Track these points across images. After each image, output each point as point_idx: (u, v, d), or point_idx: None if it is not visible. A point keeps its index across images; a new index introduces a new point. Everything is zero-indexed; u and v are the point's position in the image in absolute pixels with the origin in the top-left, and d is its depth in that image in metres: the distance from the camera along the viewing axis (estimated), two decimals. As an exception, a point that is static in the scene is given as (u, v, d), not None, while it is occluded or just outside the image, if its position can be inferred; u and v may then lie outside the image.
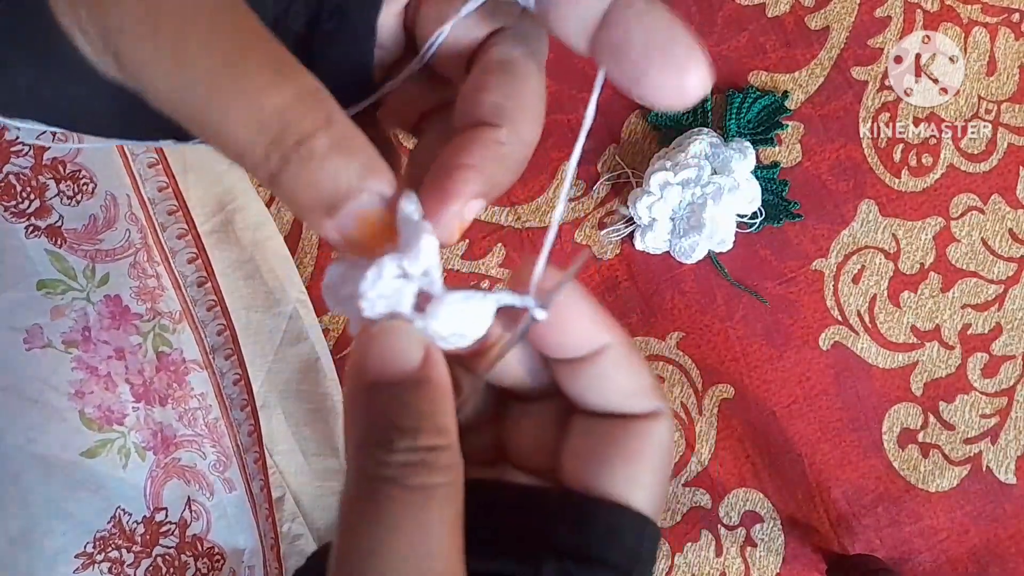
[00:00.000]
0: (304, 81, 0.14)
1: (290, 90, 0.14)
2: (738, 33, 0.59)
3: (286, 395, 0.54)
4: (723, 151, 0.54)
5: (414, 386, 0.15)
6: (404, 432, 0.15)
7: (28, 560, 0.47)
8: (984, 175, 0.59)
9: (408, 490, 0.14)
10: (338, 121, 0.14)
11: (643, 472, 0.18)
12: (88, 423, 0.49)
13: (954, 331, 0.59)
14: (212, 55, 0.13)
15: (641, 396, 0.19)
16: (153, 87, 0.14)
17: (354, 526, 0.15)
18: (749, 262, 0.58)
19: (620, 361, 0.19)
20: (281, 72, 0.14)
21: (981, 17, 0.59)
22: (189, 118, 0.14)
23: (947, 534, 0.58)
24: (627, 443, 0.18)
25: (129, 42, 0.13)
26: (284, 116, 0.14)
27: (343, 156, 0.14)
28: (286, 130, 0.14)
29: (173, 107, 0.14)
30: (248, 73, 0.13)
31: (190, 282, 0.51)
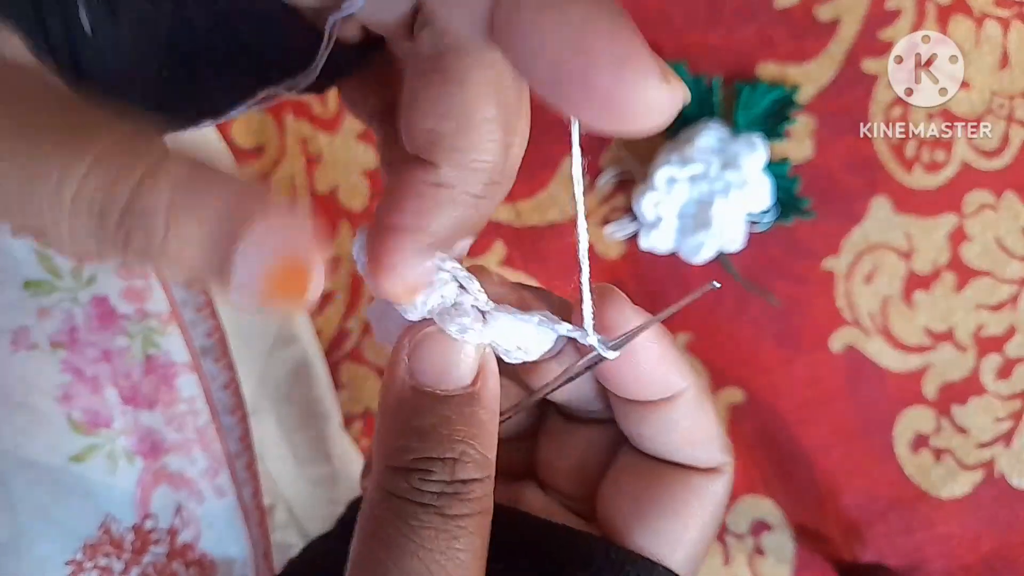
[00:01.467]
0: (110, 131, 0.11)
1: (90, 148, 0.11)
2: (747, 24, 0.58)
3: (278, 399, 0.53)
4: (732, 145, 0.53)
5: (462, 404, 0.14)
6: (444, 463, 0.14)
7: (16, 567, 0.46)
8: (997, 172, 0.58)
9: (443, 519, 0.14)
10: (174, 161, 0.11)
11: (690, 530, 0.17)
12: (75, 427, 0.48)
13: (968, 332, 0.58)
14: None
15: (706, 448, 0.18)
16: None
17: (381, 543, 0.14)
18: (758, 261, 0.57)
19: (691, 410, 0.17)
20: (76, 132, 0.11)
21: (993, 10, 0.58)
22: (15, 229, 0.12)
23: (959, 541, 0.57)
24: (680, 495, 0.17)
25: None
26: (92, 183, 0.10)
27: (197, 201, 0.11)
28: (104, 204, 0.10)
29: None
30: (33, 151, 0.10)
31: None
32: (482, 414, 0.15)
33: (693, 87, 0.57)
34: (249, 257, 0.11)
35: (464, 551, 0.14)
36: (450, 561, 0.14)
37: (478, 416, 0.15)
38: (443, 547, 0.14)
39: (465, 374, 0.15)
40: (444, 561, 0.14)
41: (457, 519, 0.14)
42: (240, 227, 0.11)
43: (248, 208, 0.11)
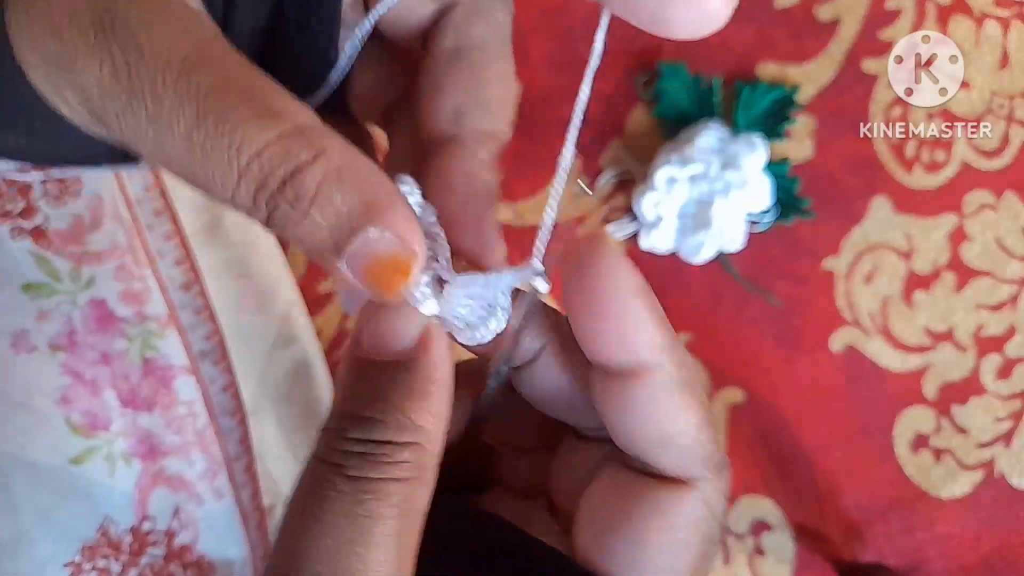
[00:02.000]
0: (289, 117, 0.13)
1: (271, 129, 0.13)
2: (746, 24, 0.58)
3: (278, 400, 0.53)
4: (732, 145, 0.53)
5: (397, 370, 0.14)
6: (363, 422, 0.14)
7: (15, 568, 0.46)
8: (997, 172, 0.58)
9: (351, 482, 0.14)
10: (332, 152, 0.13)
11: (653, 555, 0.15)
12: (74, 429, 0.48)
13: (968, 332, 0.58)
14: (183, 109, 0.13)
15: (680, 453, 0.16)
16: (134, 144, 0.14)
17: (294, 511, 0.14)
18: (758, 261, 0.57)
19: (663, 395, 0.16)
20: (263, 113, 0.13)
21: (993, 10, 0.58)
22: (174, 172, 0.14)
23: (959, 541, 0.57)
24: (646, 514, 0.15)
25: (103, 104, 0.13)
26: (265, 159, 0.13)
27: (340, 190, 0.13)
28: (269, 173, 0.13)
29: (156, 162, 0.14)
30: (222, 121, 0.13)
31: (177, 285, 0.49)
32: (418, 381, 0.14)
33: (693, 87, 0.57)
34: (361, 245, 0.14)
35: (380, 528, 0.13)
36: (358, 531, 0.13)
37: (413, 382, 0.14)
38: (350, 513, 0.13)
39: (402, 340, 0.15)
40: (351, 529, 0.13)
41: (365, 483, 0.14)
42: (363, 222, 0.13)
43: (374, 208, 0.13)
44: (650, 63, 0.58)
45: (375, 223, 0.13)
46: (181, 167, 0.13)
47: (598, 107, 0.58)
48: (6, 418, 0.46)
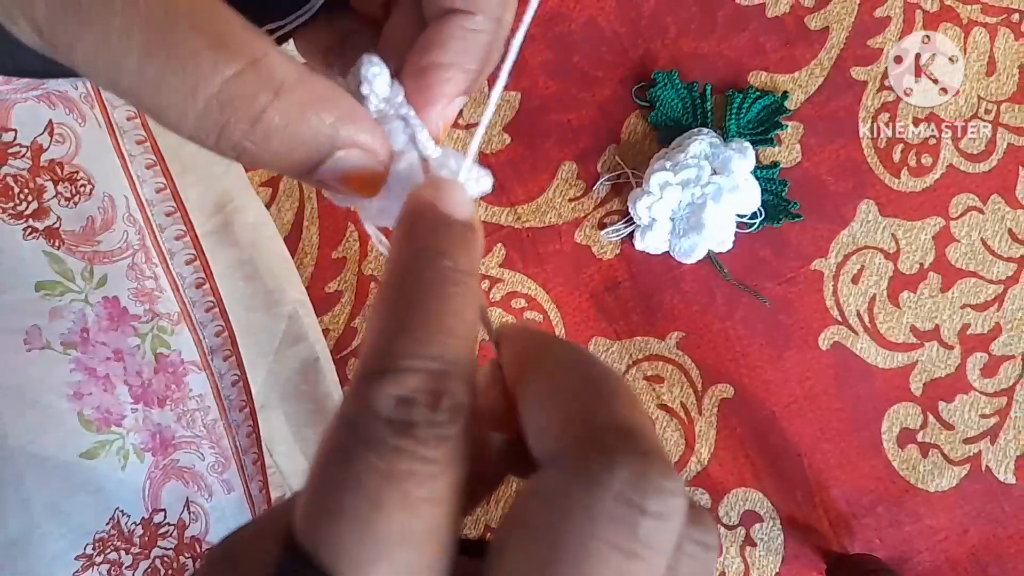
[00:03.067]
0: (245, 50, 0.13)
1: (230, 67, 0.12)
2: (738, 33, 0.59)
3: (286, 396, 0.54)
4: (723, 151, 0.54)
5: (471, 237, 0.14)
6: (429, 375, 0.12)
7: (28, 562, 0.47)
8: (984, 175, 0.59)
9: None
10: (291, 85, 0.13)
11: None
12: (87, 425, 0.49)
13: (953, 331, 0.59)
14: (135, 38, 0.12)
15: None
16: (85, 72, 0.13)
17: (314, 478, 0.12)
18: (749, 262, 0.58)
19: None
20: (217, 46, 0.12)
21: (981, 17, 0.59)
22: (126, 99, 0.13)
23: (947, 534, 0.58)
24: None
25: (52, 31, 0.12)
26: (226, 99, 0.12)
27: (304, 120, 0.13)
28: (232, 117, 0.13)
29: (110, 91, 0.13)
30: (179, 56, 0.12)
31: (188, 283, 0.50)
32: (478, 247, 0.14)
33: (686, 94, 0.58)
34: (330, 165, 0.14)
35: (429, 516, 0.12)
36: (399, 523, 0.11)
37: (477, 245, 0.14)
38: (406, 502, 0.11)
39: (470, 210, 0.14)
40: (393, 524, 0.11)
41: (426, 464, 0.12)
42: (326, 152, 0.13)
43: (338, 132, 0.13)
44: (645, 72, 0.59)
45: (340, 146, 0.13)
46: (135, 100, 0.13)
47: (595, 114, 0.59)
48: (18, 414, 0.46)
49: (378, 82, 0.15)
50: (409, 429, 0.12)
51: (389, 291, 0.13)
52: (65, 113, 0.48)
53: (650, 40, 0.59)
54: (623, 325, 0.59)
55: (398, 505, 0.11)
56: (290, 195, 0.59)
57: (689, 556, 0.12)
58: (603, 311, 0.58)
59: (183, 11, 0.12)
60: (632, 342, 0.59)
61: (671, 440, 0.59)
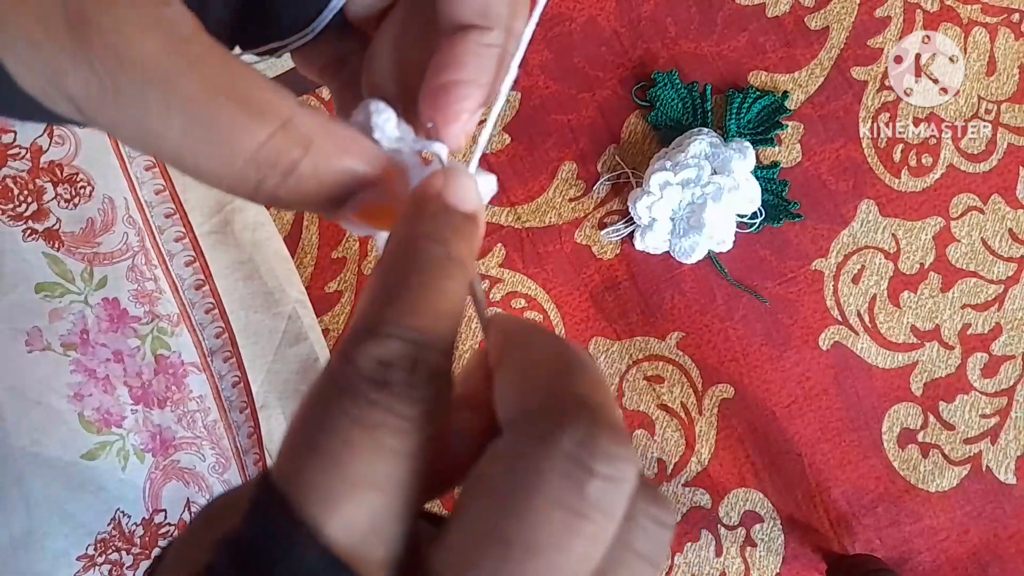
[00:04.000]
0: (276, 112, 0.14)
1: (263, 131, 0.14)
2: (738, 33, 0.59)
3: (286, 395, 0.54)
4: (723, 151, 0.54)
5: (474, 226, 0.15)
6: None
7: (30, 562, 0.47)
8: (984, 175, 0.59)
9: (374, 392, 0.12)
10: (319, 141, 0.14)
11: None
12: (87, 425, 0.49)
13: (954, 331, 0.59)
14: (175, 116, 0.13)
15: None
16: (129, 144, 0.14)
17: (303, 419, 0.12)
18: (749, 262, 0.58)
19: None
20: (251, 112, 0.14)
21: (981, 17, 0.59)
22: (170, 165, 0.14)
23: (947, 534, 0.58)
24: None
25: (93, 115, 0.13)
26: (261, 159, 0.14)
27: (330, 171, 0.15)
28: (267, 173, 0.14)
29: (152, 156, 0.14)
30: (216, 127, 0.13)
31: (188, 285, 0.50)
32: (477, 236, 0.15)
33: (686, 95, 0.58)
34: (348, 209, 0.15)
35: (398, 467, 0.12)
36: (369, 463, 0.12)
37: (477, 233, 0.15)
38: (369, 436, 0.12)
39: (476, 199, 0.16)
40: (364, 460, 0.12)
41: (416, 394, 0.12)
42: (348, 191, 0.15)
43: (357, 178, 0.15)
44: (645, 72, 0.59)
45: (360, 187, 0.15)
46: (175, 164, 0.14)
47: (595, 115, 0.59)
48: (20, 415, 0.47)
49: (388, 126, 0.17)
50: (386, 386, 0.12)
51: (386, 267, 0.14)
52: (65, 114, 0.48)
53: (650, 40, 0.59)
54: (623, 325, 0.59)
55: (368, 450, 0.12)
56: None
57: (643, 530, 0.13)
58: (603, 311, 0.58)
59: (218, 85, 0.13)
60: (632, 342, 0.59)
61: (671, 440, 0.59)
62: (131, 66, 0.13)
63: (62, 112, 0.14)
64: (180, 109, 0.13)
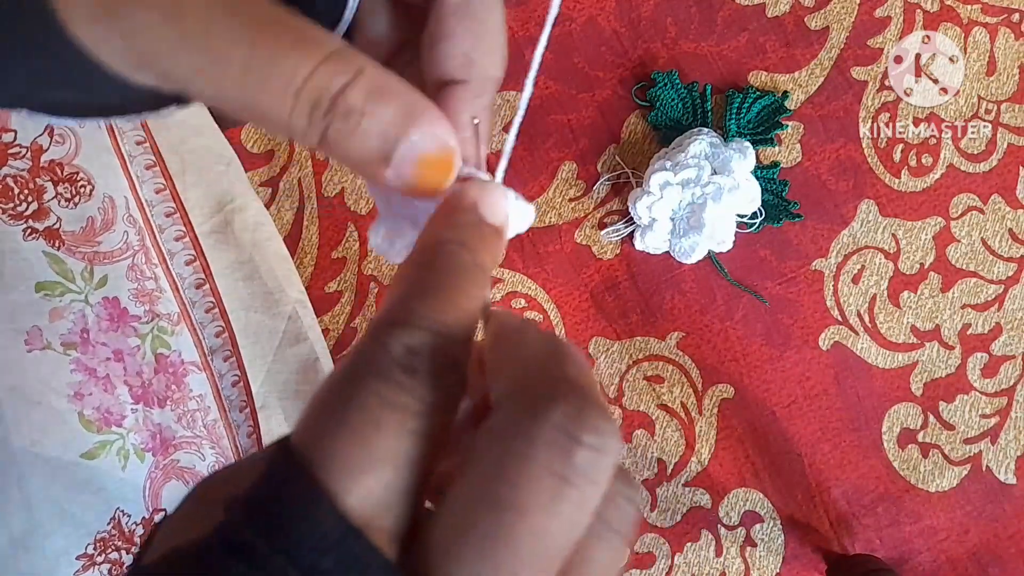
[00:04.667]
0: (327, 43, 0.14)
1: (316, 55, 0.14)
2: (738, 33, 0.59)
3: (285, 396, 0.54)
4: (723, 151, 0.54)
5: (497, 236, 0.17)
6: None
7: (30, 561, 0.47)
8: (984, 175, 0.59)
9: None
10: (369, 71, 0.15)
11: None
12: (87, 425, 0.49)
13: (954, 331, 0.58)
14: (237, 42, 0.14)
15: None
16: (185, 83, 0.15)
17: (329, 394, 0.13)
18: (749, 262, 0.58)
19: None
20: (303, 41, 0.14)
21: (981, 17, 0.59)
22: (227, 104, 0.15)
23: (947, 534, 0.58)
24: None
25: (154, 45, 0.14)
26: (315, 81, 0.14)
27: (382, 103, 0.15)
28: (321, 94, 0.14)
29: (209, 97, 0.15)
30: (274, 50, 0.14)
31: (188, 284, 0.51)
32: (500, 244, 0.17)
33: (686, 95, 0.58)
34: (407, 149, 0.15)
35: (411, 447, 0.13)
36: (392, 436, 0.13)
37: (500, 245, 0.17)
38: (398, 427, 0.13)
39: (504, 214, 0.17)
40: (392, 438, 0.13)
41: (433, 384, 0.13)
42: (406, 128, 0.15)
43: (414, 115, 0.15)
44: (645, 72, 0.59)
45: (416, 127, 0.15)
46: (236, 99, 0.15)
47: (595, 115, 0.59)
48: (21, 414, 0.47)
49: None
50: (414, 372, 0.13)
51: (418, 264, 0.15)
52: (65, 113, 0.48)
53: (650, 40, 0.59)
54: (623, 325, 0.59)
55: (393, 429, 0.13)
56: (290, 195, 0.59)
57: (617, 507, 0.14)
58: (603, 311, 0.59)
59: (274, 17, 0.14)
60: (632, 342, 0.59)
61: (671, 440, 0.59)
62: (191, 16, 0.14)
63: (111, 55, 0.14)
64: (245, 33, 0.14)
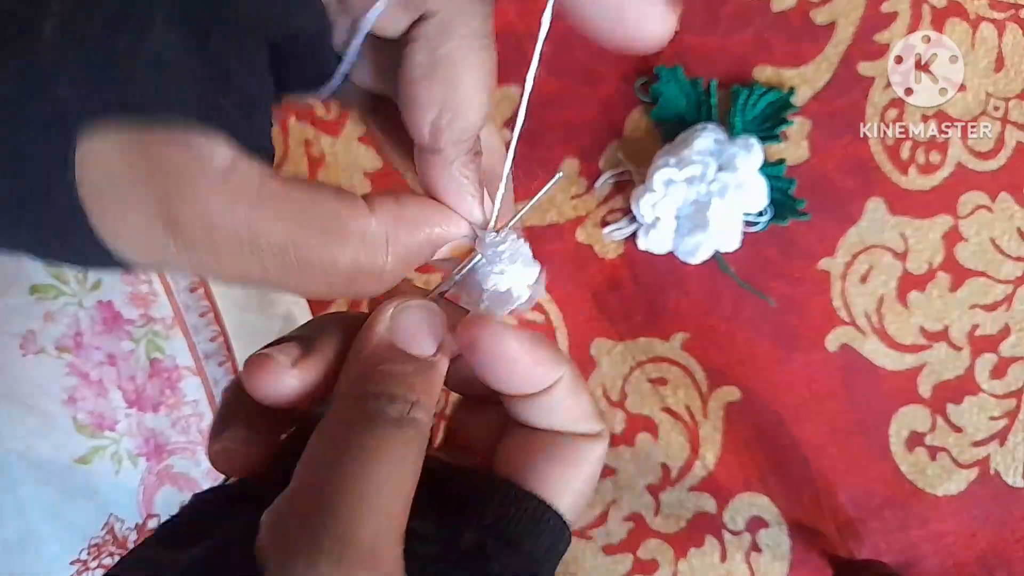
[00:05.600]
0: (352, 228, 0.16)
1: (348, 253, 0.16)
2: (743, 27, 0.58)
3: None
4: (728, 147, 0.53)
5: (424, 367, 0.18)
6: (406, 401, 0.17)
7: (25, 566, 0.47)
8: (992, 173, 0.58)
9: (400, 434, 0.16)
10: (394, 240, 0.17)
11: (575, 480, 0.20)
12: (81, 429, 0.49)
13: (962, 332, 0.58)
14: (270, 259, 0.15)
15: (586, 421, 0.20)
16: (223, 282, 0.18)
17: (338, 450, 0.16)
18: (755, 262, 0.57)
19: (568, 394, 0.20)
20: (330, 237, 0.16)
21: (989, 12, 0.58)
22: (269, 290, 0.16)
23: (954, 538, 0.57)
24: (565, 453, 0.20)
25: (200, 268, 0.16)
26: (355, 275, 0.16)
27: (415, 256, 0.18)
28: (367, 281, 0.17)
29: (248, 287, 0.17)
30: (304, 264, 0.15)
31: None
32: (436, 378, 0.18)
33: (690, 90, 0.57)
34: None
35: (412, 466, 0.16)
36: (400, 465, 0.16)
37: (432, 379, 0.18)
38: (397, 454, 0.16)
39: (430, 346, 0.19)
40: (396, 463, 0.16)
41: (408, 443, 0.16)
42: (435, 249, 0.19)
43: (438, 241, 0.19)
44: (648, 67, 0.58)
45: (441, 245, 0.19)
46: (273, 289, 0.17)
47: (597, 110, 0.58)
48: (14, 418, 0.46)
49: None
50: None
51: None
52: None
53: (653, 36, 0.58)
54: (626, 326, 0.58)
55: None
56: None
57: None
58: (606, 311, 0.58)
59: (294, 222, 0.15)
60: (635, 343, 0.58)
61: (675, 444, 0.58)
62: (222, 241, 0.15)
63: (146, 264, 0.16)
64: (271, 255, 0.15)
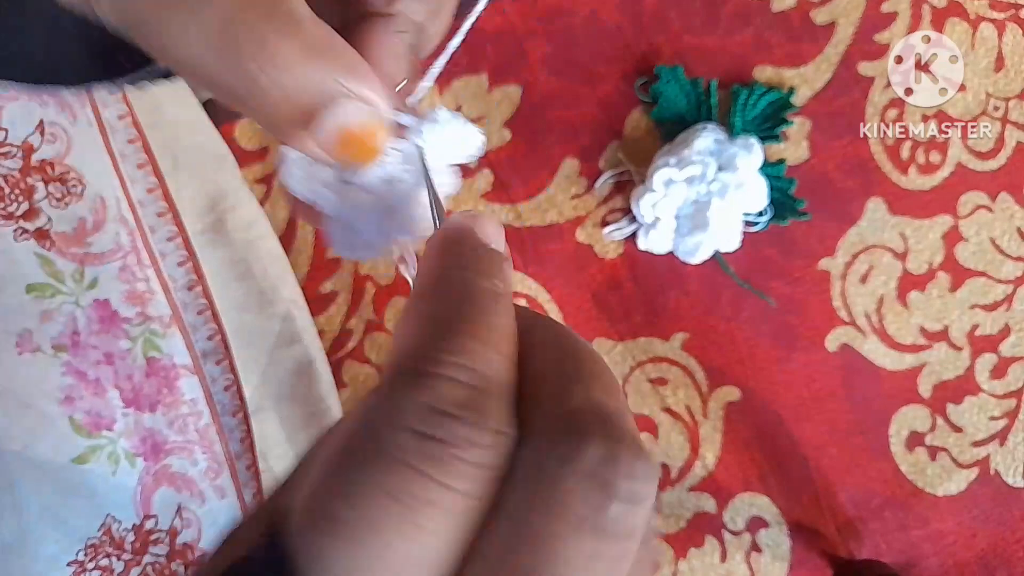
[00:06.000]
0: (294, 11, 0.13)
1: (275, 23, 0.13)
2: (743, 27, 0.58)
3: (281, 399, 0.54)
4: (729, 147, 0.53)
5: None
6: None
7: (22, 567, 0.47)
8: (992, 173, 0.58)
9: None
10: (307, 24, 0.13)
11: None
12: (78, 429, 0.48)
13: (962, 332, 0.58)
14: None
15: None
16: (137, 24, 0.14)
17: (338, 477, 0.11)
18: (755, 262, 0.57)
19: None
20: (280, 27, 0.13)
21: (989, 13, 0.58)
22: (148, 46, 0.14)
23: (954, 538, 0.57)
24: None
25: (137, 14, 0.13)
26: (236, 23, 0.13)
27: (309, 62, 0.13)
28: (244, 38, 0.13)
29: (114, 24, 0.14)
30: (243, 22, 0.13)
31: (180, 286, 0.50)
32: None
33: (690, 90, 0.57)
34: (327, 121, 0.14)
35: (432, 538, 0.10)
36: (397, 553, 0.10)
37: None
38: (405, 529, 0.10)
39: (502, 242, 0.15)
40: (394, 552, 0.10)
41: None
42: (330, 98, 0.14)
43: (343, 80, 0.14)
44: (648, 67, 0.58)
45: (342, 94, 0.14)
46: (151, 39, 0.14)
47: (597, 110, 0.58)
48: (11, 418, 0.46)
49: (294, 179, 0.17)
50: (437, 448, 0.10)
51: (428, 299, 0.12)
52: (57, 111, 0.47)
53: (653, 35, 0.58)
54: (626, 326, 0.58)
55: (399, 533, 0.10)
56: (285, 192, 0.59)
57: (644, 543, 0.12)
58: (606, 311, 0.58)
59: None
60: (635, 343, 0.58)
61: (676, 444, 0.58)
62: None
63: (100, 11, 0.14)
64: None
